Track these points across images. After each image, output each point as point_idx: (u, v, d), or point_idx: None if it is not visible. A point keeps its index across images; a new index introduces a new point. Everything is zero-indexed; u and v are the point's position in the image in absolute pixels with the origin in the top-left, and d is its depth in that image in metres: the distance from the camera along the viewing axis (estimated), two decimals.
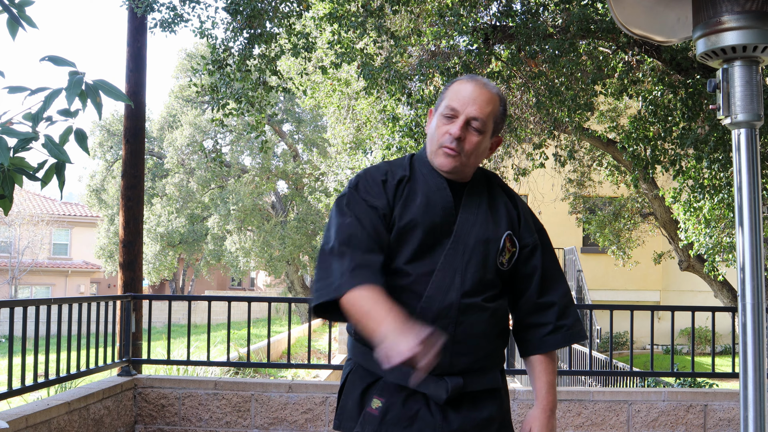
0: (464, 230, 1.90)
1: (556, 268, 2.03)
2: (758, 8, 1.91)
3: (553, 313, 1.97)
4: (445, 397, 1.82)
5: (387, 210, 1.90)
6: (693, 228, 7.99)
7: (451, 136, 1.88)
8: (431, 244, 1.88)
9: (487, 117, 1.89)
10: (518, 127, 8.83)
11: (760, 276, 1.95)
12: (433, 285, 1.84)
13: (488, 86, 1.93)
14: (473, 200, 1.95)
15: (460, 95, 1.90)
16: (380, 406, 1.85)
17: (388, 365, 1.60)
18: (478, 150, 1.91)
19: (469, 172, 1.97)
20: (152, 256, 25.71)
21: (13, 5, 2.44)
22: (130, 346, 4.96)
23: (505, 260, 1.93)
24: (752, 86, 1.97)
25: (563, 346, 1.97)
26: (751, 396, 1.90)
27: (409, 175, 1.96)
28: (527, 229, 1.99)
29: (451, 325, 1.83)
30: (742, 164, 1.98)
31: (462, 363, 1.85)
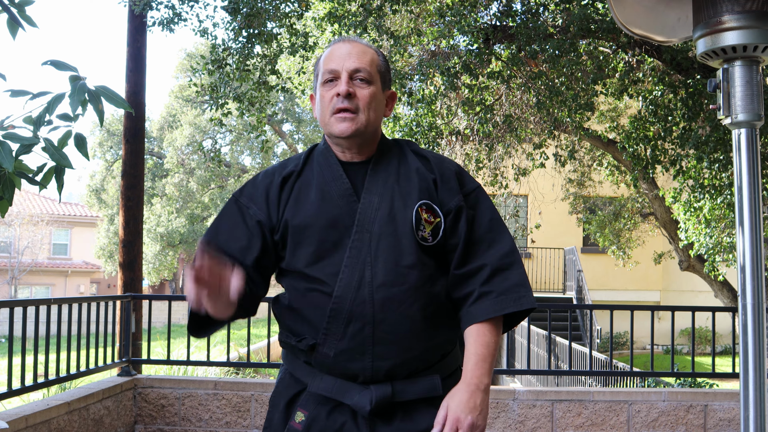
0: (367, 216, 1.68)
1: (492, 228, 1.73)
2: (758, 8, 1.91)
3: (478, 279, 1.67)
4: (369, 408, 1.62)
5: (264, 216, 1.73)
6: (693, 228, 8.00)
7: (341, 95, 1.68)
8: (335, 241, 1.68)
9: (370, 65, 1.72)
10: (518, 127, 8.84)
11: (761, 276, 1.95)
12: (341, 284, 1.64)
13: (358, 40, 1.78)
14: (378, 179, 1.73)
15: (334, 56, 1.73)
16: (303, 420, 1.67)
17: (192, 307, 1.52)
18: (374, 104, 1.71)
19: (371, 137, 1.75)
20: (152, 256, 25.72)
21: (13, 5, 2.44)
22: (129, 346, 4.96)
23: (428, 234, 1.67)
24: (752, 86, 1.96)
25: (493, 315, 1.65)
26: (752, 396, 1.90)
27: (301, 169, 1.77)
28: (448, 191, 1.72)
29: (368, 326, 1.62)
30: (742, 164, 1.97)
31: (386, 366, 1.63)
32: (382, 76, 1.76)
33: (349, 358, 1.64)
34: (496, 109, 8.37)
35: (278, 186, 1.75)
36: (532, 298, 1.69)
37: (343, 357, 1.64)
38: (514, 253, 1.72)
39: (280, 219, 1.72)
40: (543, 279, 18.53)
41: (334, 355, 1.65)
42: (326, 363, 1.67)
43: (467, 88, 7.49)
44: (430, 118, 7.74)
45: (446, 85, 6.81)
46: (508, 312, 1.66)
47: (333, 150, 1.77)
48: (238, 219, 1.75)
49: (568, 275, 17.89)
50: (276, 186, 1.75)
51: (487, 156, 9.25)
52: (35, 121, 2.27)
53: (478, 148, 9.19)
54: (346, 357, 1.64)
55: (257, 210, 1.74)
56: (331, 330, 1.64)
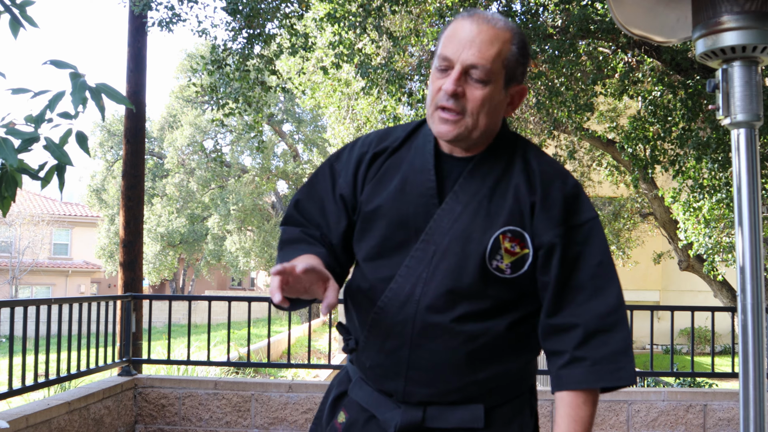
0: (441, 226, 1.45)
1: (598, 275, 1.45)
2: (757, 9, 1.92)
3: (573, 339, 1.43)
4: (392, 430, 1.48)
5: (348, 192, 1.54)
6: (692, 228, 8.00)
7: (446, 93, 1.42)
8: (399, 242, 1.48)
9: (492, 62, 1.41)
10: (518, 127, 8.84)
11: (760, 276, 1.95)
12: (389, 294, 1.46)
13: (492, 21, 1.44)
14: (473, 183, 1.47)
15: (455, 39, 1.42)
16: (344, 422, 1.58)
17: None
18: (487, 107, 1.43)
19: (482, 138, 1.47)
20: (152, 256, 25.73)
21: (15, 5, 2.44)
22: (130, 346, 4.96)
23: (505, 266, 1.43)
24: (752, 86, 1.97)
25: (584, 387, 1.43)
26: (751, 396, 1.90)
27: (399, 145, 1.54)
28: (547, 222, 1.44)
29: (405, 347, 1.45)
30: (741, 164, 1.98)
31: (421, 394, 1.47)
32: (508, 72, 1.45)
33: (383, 374, 1.50)
34: None
35: (369, 160, 1.54)
36: (632, 371, 1.46)
37: (377, 371, 1.51)
38: (620, 310, 1.47)
39: (359, 198, 1.54)
40: None
41: (369, 367, 1.53)
42: (363, 371, 1.56)
43: None
44: None
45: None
46: (601, 386, 1.45)
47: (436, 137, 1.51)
48: (329, 188, 1.57)
49: None
50: (366, 161, 1.54)
51: None
52: (36, 119, 2.28)
53: None
54: (381, 372, 1.51)
55: (343, 182, 1.55)
56: (369, 340, 1.51)
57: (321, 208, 1.57)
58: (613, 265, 1.48)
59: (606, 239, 1.50)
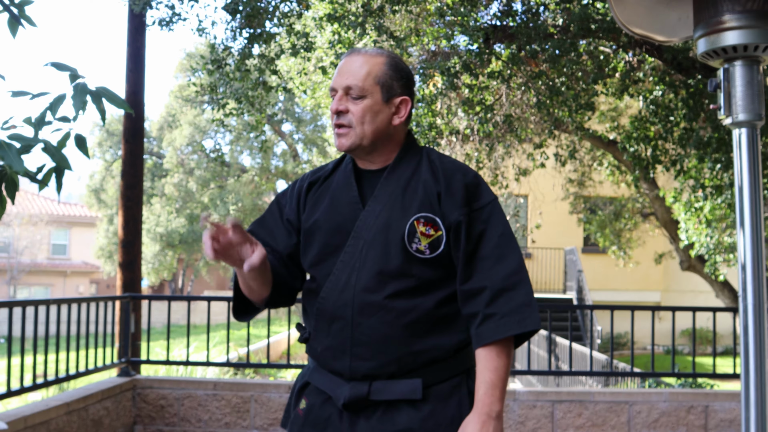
0: (366, 224, 1.74)
1: (500, 245, 1.71)
2: (759, 8, 1.91)
3: (483, 300, 1.68)
4: (342, 403, 1.71)
5: (294, 216, 1.87)
6: (694, 228, 7.99)
7: (333, 112, 1.76)
8: (336, 246, 1.76)
9: (364, 80, 1.73)
10: (519, 127, 8.83)
11: (762, 276, 1.94)
12: (329, 285, 1.74)
13: (363, 51, 1.79)
14: (389, 187, 1.77)
15: (337, 72, 1.79)
16: (304, 407, 1.81)
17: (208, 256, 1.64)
18: (368, 116, 1.73)
19: (379, 147, 1.78)
20: (151, 256, 25.71)
21: (14, 5, 2.44)
22: (129, 347, 4.95)
23: (424, 247, 1.70)
24: (753, 86, 1.96)
25: (496, 338, 1.66)
26: (753, 397, 1.89)
27: (329, 174, 1.87)
28: (451, 205, 1.72)
29: (347, 327, 1.71)
30: (743, 164, 1.97)
31: (365, 368, 1.71)
32: (384, 86, 1.76)
33: (332, 355, 1.75)
34: (496, 109, 8.36)
35: (305, 189, 1.88)
36: (536, 319, 1.68)
37: (327, 353, 1.76)
38: (521, 271, 1.71)
39: (300, 220, 1.86)
40: (543, 279, 18.52)
41: (321, 351, 1.78)
42: (317, 356, 1.81)
43: (467, 87, 7.48)
44: (430, 118, 7.74)
45: (446, 85, 6.81)
46: (510, 334, 1.66)
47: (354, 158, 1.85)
48: (277, 216, 1.90)
49: (568, 275, 17.88)
50: (304, 189, 1.88)
51: (488, 156, 9.25)
52: (36, 122, 2.27)
53: (478, 148, 9.18)
54: (330, 354, 1.75)
55: (289, 210, 1.88)
56: (318, 327, 1.77)
57: (270, 233, 1.88)
58: (514, 238, 1.76)
59: (505, 218, 1.78)
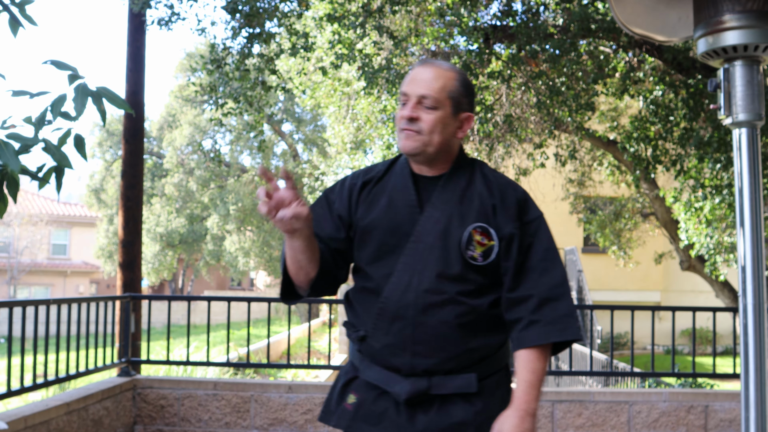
0: (426, 228, 1.86)
1: (545, 258, 1.86)
2: (759, 8, 1.91)
3: (529, 307, 1.82)
4: (404, 397, 1.81)
5: (345, 213, 1.95)
6: (694, 228, 7.99)
7: (404, 118, 1.86)
8: (393, 245, 1.87)
9: (438, 92, 1.85)
10: (519, 127, 8.83)
11: (761, 276, 1.94)
12: (391, 286, 1.84)
13: (438, 64, 1.91)
14: (445, 195, 1.89)
15: (411, 80, 1.89)
16: (354, 402, 1.89)
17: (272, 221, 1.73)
18: (438, 127, 1.85)
19: (441, 156, 1.90)
20: (151, 256, 25.71)
21: (14, 4, 2.44)
22: (129, 347, 4.95)
23: (478, 255, 1.83)
24: (753, 86, 1.96)
25: (538, 343, 1.80)
26: (753, 397, 1.89)
27: (382, 176, 1.97)
28: (505, 218, 1.86)
29: (410, 326, 1.82)
30: (743, 164, 1.97)
31: (425, 364, 1.82)
32: (454, 101, 1.88)
33: (392, 352, 1.84)
34: (496, 109, 8.36)
35: (359, 188, 1.96)
36: (576, 329, 1.83)
37: (387, 351, 1.85)
38: (565, 284, 1.87)
39: (355, 218, 1.94)
40: None
41: (380, 348, 1.86)
42: (373, 354, 1.88)
43: None
44: None
45: None
46: (552, 341, 1.81)
47: (410, 163, 1.95)
48: (326, 210, 1.98)
49: (568, 275, 17.81)
50: (357, 187, 1.96)
51: (488, 156, 9.25)
52: (36, 122, 2.27)
53: (478, 148, 9.18)
54: (389, 351, 1.84)
55: (339, 206, 1.96)
56: (378, 325, 1.86)
57: (318, 223, 1.93)
58: (557, 252, 1.89)
59: (550, 232, 1.93)
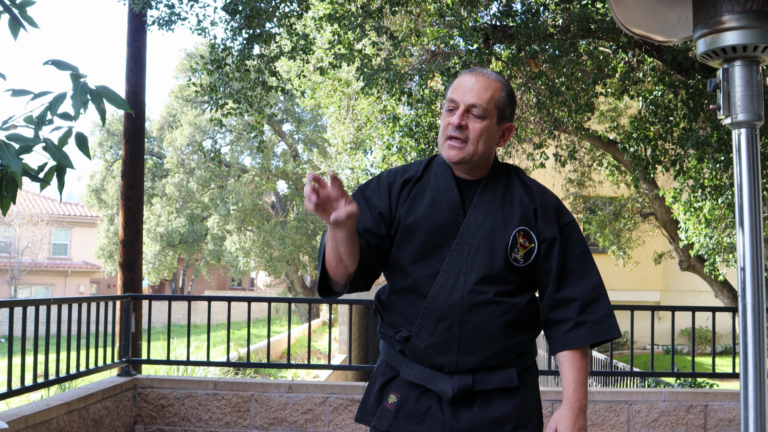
0: (470, 230, 1.90)
1: (582, 261, 1.96)
2: (758, 8, 1.91)
3: (574, 309, 1.91)
4: (452, 394, 1.85)
5: (386, 210, 1.95)
6: (693, 228, 7.99)
7: (453, 126, 1.89)
8: (436, 245, 1.90)
9: (487, 102, 1.90)
10: (518, 127, 8.83)
11: (761, 276, 1.95)
12: (437, 286, 1.87)
13: (486, 74, 1.95)
14: (486, 198, 1.95)
15: (459, 87, 1.93)
16: (395, 402, 1.91)
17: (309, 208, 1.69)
18: (484, 136, 1.90)
19: (482, 163, 1.95)
20: (152, 256, 25.70)
21: (15, 6, 2.44)
22: (129, 347, 4.96)
23: (520, 257, 1.91)
24: (752, 86, 1.96)
25: (587, 343, 1.91)
26: (752, 396, 1.90)
27: (421, 176, 2.00)
28: (546, 222, 1.94)
29: (456, 325, 1.86)
30: (742, 164, 1.97)
31: (470, 362, 1.87)
32: (499, 111, 1.93)
33: (437, 351, 1.87)
34: None
35: (400, 186, 1.98)
36: (617, 328, 1.94)
37: (432, 350, 1.88)
38: (602, 285, 1.97)
39: (396, 215, 1.95)
40: None
41: (425, 348, 1.88)
42: (417, 353, 1.90)
43: None
44: (430, 118, 7.74)
45: (446, 85, 6.81)
46: (601, 340, 1.92)
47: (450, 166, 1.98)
48: (364, 205, 1.97)
49: None
50: (398, 186, 1.98)
51: None
52: (37, 121, 2.27)
53: None
54: (435, 350, 1.88)
55: (379, 202, 1.97)
56: (423, 325, 1.88)
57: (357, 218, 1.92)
58: (591, 255, 1.99)
59: (582, 236, 2.00)
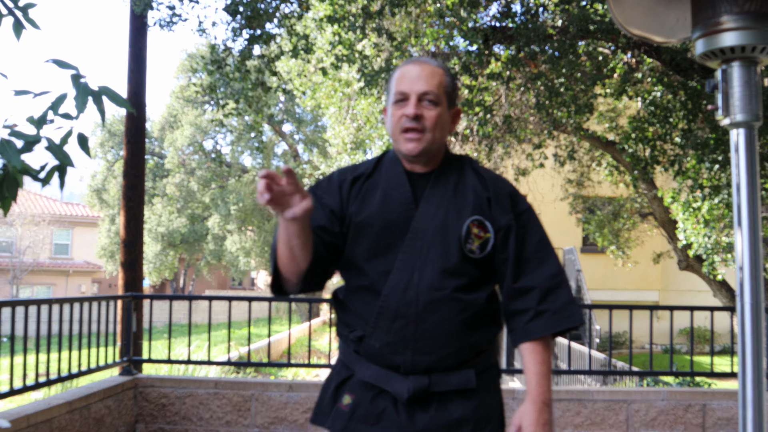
0: (423, 224, 1.84)
1: (541, 249, 1.88)
2: (757, 9, 1.92)
3: (534, 298, 1.83)
4: (407, 396, 1.79)
5: (337, 207, 1.90)
6: (692, 228, 8.00)
7: (408, 117, 1.84)
8: (389, 242, 1.84)
9: (437, 88, 1.86)
10: (518, 127, 8.84)
11: (759, 276, 1.96)
12: (391, 284, 1.81)
13: (428, 61, 1.91)
14: (438, 190, 1.88)
15: (405, 78, 1.88)
16: (350, 403, 1.85)
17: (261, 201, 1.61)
18: (440, 123, 1.86)
19: (437, 153, 1.90)
20: (153, 255, 25.72)
21: (17, 7, 2.45)
22: (131, 346, 4.97)
23: (476, 248, 1.83)
24: (751, 87, 1.97)
25: (549, 332, 1.83)
26: (750, 395, 1.90)
27: (372, 172, 1.94)
28: (500, 211, 1.87)
29: (411, 324, 1.79)
30: (740, 164, 1.98)
31: (426, 361, 1.80)
32: (448, 96, 1.89)
33: (392, 350, 1.81)
34: (496, 110, 8.37)
35: (350, 183, 1.93)
36: (580, 314, 1.86)
37: (387, 349, 1.81)
38: (562, 272, 1.89)
39: (347, 213, 1.90)
40: None
41: (380, 347, 1.82)
42: (373, 353, 1.84)
43: (467, 88, 7.49)
44: None
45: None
46: (562, 329, 1.84)
47: (401, 160, 1.93)
48: (316, 204, 1.89)
49: (567, 275, 17.85)
50: (348, 183, 1.93)
51: (487, 156, 9.27)
52: (38, 121, 2.29)
53: (477, 149, 9.20)
54: (390, 350, 1.81)
55: (331, 200, 1.91)
56: (378, 324, 1.82)
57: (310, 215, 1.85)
58: (550, 242, 1.92)
59: (541, 223, 1.93)
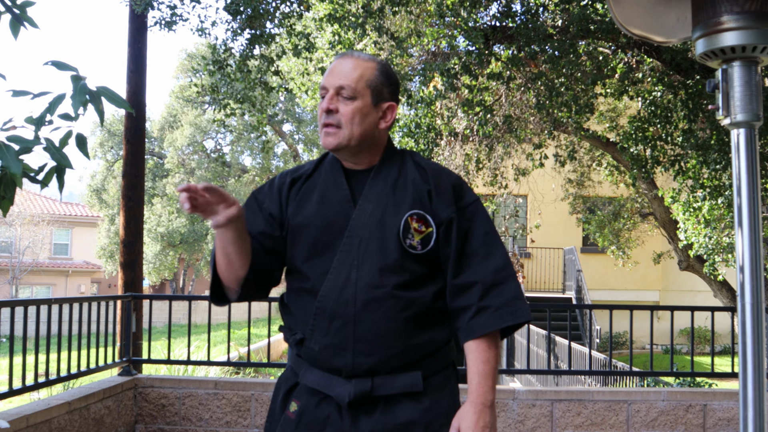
0: (360, 222, 1.77)
1: (486, 243, 1.79)
2: (758, 8, 1.92)
3: (475, 294, 1.74)
4: (348, 400, 1.72)
5: (276, 211, 1.86)
6: (692, 228, 8.00)
7: (322, 110, 1.79)
8: (328, 242, 1.78)
9: (356, 82, 1.78)
10: (518, 127, 8.84)
11: (760, 276, 1.95)
12: (328, 284, 1.75)
13: (356, 55, 1.84)
14: (376, 187, 1.82)
15: (329, 73, 1.83)
16: (296, 410, 1.79)
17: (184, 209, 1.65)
18: (357, 118, 1.77)
19: (365, 148, 1.83)
20: (153, 256, 25.73)
21: (15, 6, 2.45)
22: (130, 346, 4.97)
23: (416, 243, 1.75)
24: (751, 86, 1.97)
25: (491, 329, 1.73)
26: (751, 396, 1.90)
27: (311, 173, 1.90)
28: (442, 203, 1.79)
29: (350, 324, 1.72)
30: (741, 164, 1.97)
31: (368, 363, 1.72)
32: (374, 91, 1.81)
33: (332, 353, 1.74)
34: (496, 110, 8.37)
35: (288, 186, 1.88)
36: (527, 311, 1.77)
37: (327, 352, 1.75)
38: (509, 266, 1.80)
39: (286, 216, 1.86)
40: (542, 279, 18.54)
41: (319, 350, 1.76)
42: (313, 356, 1.78)
43: (467, 88, 7.49)
44: (430, 119, 7.75)
45: (446, 86, 6.82)
46: (505, 326, 1.74)
47: (339, 158, 1.88)
48: (256, 209, 1.88)
49: (567, 275, 17.89)
50: (287, 186, 1.89)
51: (487, 156, 9.27)
52: (37, 122, 2.28)
53: (478, 149, 9.20)
54: (329, 352, 1.74)
55: (271, 204, 1.87)
56: (316, 326, 1.76)
57: (249, 222, 1.84)
58: (498, 235, 1.84)
59: (489, 216, 1.85)
